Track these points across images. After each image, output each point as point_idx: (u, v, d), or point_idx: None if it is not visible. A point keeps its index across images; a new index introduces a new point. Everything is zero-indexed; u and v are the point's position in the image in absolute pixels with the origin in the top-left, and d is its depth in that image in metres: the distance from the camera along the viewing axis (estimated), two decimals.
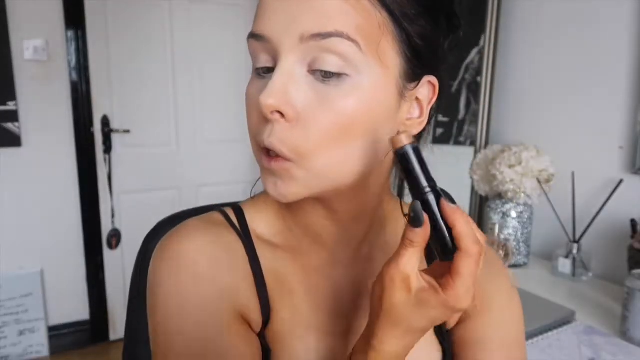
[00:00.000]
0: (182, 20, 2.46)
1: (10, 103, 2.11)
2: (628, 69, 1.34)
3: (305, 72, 0.40)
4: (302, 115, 0.40)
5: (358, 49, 0.39)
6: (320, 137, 0.40)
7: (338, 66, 0.39)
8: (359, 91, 0.40)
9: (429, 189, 0.38)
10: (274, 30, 0.40)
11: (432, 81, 0.45)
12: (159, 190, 2.55)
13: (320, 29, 0.38)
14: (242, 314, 0.48)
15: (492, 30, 1.64)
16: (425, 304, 0.38)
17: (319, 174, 0.42)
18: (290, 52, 0.40)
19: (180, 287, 0.46)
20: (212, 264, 0.47)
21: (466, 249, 0.37)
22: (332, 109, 0.40)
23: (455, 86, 1.80)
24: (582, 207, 1.40)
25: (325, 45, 0.39)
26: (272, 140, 0.40)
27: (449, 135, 1.83)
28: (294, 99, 0.40)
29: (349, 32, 0.38)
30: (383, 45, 0.40)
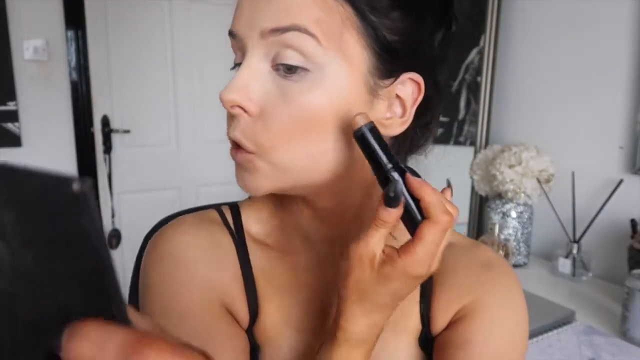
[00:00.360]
0: (182, 20, 2.46)
1: (10, 103, 2.11)
2: (628, 69, 1.34)
3: (270, 68, 0.40)
4: (263, 110, 0.40)
5: (317, 43, 0.39)
6: (281, 131, 0.40)
7: (298, 61, 0.39)
8: (321, 86, 0.40)
9: (391, 165, 0.38)
10: (240, 27, 0.41)
11: (414, 78, 0.43)
12: (159, 190, 2.55)
13: (278, 23, 0.39)
14: (229, 309, 0.49)
15: (492, 30, 1.64)
16: (386, 277, 0.38)
17: (283, 168, 0.42)
18: (254, 48, 0.40)
19: (164, 278, 0.47)
20: (198, 259, 0.49)
21: (433, 217, 0.37)
22: (293, 104, 0.40)
23: (455, 86, 1.80)
24: (582, 207, 1.40)
25: (285, 40, 0.39)
26: (235, 133, 0.42)
27: (449, 135, 1.83)
28: (255, 94, 0.40)
29: (306, 26, 0.38)
30: (346, 39, 0.39)
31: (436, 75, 0.45)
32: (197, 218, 0.52)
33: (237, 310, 0.49)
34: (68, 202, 0.18)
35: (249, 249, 0.51)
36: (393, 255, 0.38)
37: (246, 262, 0.50)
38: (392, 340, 0.50)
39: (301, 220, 0.50)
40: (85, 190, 0.17)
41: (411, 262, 0.37)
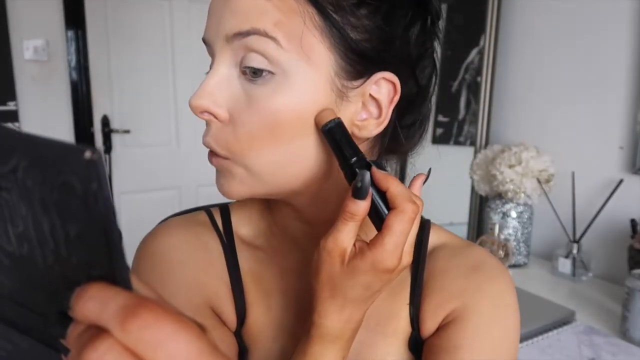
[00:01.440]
0: (182, 20, 2.46)
1: (10, 103, 2.11)
2: (628, 69, 1.34)
3: (238, 73, 0.40)
4: (232, 115, 0.40)
5: (278, 46, 0.38)
6: (249, 137, 0.40)
7: (262, 63, 0.39)
8: (286, 90, 0.39)
9: (357, 158, 0.39)
10: (209, 34, 0.41)
11: (388, 78, 0.41)
12: (159, 190, 2.55)
13: (240, 27, 0.38)
14: (216, 312, 0.49)
15: (492, 30, 1.65)
16: (356, 270, 0.38)
17: (257, 173, 0.41)
18: (220, 53, 0.40)
19: (151, 279, 0.47)
20: (185, 261, 0.49)
21: (399, 206, 0.37)
22: (258, 108, 0.39)
23: (455, 86, 1.80)
24: (582, 207, 1.40)
25: (248, 44, 0.39)
26: (207, 139, 0.42)
27: (449, 135, 1.84)
28: (223, 100, 0.40)
29: (265, 29, 0.38)
30: (308, 41, 0.38)
31: (416, 73, 0.43)
32: (185, 220, 0.52)
33: (224, 313, 0.49)
34: (81, 169, 0.19)
35: (238, 251, 0.51)
36: (363, 248, 0.38)
37: (234, 265, 0.50)
38: (382, 343, 0.49)
39: (288, 223, 0.49)
40: (96, 158, 0.19)
41: (380, 254, 0.37)
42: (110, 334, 0.21)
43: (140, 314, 0.21)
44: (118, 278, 0.22)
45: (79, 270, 0.22)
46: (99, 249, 0.21)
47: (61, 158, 0.20)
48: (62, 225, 0.21)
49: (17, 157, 0.21)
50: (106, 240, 0.21)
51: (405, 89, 0.42)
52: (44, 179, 0.21)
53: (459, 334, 0.47)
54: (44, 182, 0.21)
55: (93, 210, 0.20)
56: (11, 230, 0.23)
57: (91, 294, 0.22)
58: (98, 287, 0.22)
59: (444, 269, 0.50)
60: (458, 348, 0.46)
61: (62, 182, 0.20)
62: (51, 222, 0.21)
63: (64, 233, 0.21)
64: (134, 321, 0.20)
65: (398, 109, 0.42)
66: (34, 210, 0.22)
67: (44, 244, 0.22)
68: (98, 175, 0.19)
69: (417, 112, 0.46)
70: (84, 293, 0.22)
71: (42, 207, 0.21)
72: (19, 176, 0.21)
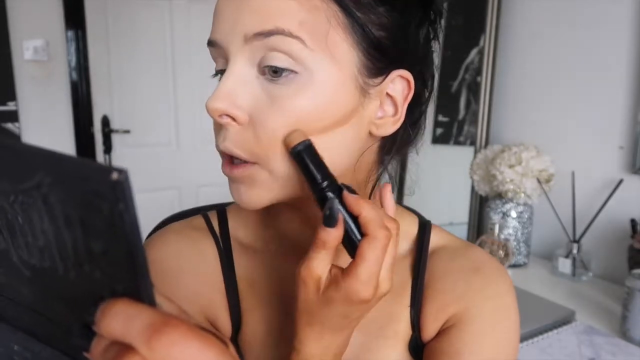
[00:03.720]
0: (182, 20, 2.46)
1: (10, 103, 2.11)
2: (628, 69, 1.34)
3: (256, 73, 0.39)
4: (253, 117, 0.39)
5: (303, 46, 0.37)
6: (274, 139, 0.38)
7: (286, 62, 0.37)
8: (310, 89, 0.38)
9: (327, 182, 0.37)
10: (221, 34, 0.40)
11: (403, 75, 0.41)
12: (159, 190, 2.54)
13: (262, 27, 0.37)
14: (211, 319, 0.49)
15: (492, 30, 1.65)
16: (332, 301, 0.37)
17: (283, 177, 0.40)
18: (237, 54, 0.39)
19: None
20: (179, 269, 0.49)
21: (371, 233, 0.36)
22: (282, 109, 0.38)
23: (455, 86, 1.80)
24: (582, 207, 1.40)
25: (270, 44, 0.37)
26: (226, 144, 0.39)
27: (449, 135, 1.83)
28: (243, 101, 0.39)
29: (290, 29, 0.37)
30: (333, 39, 0.38)
31: (423, 71, 0.44)
32: (182, 227, 0.52)
33: (219, 320, 0.49)
34: (107, 189, 0.20)
35: (235, 256, 0.50)
36: (337, 277, 0.37)
37: (230, 271, 0.50)
38: (382, 346, 0.49)
39: (290, 227, 0.48)
40: (123, 179, 0.19)
41: (354, 285, 0.36)
42: (136, 352, 0.21)
43: (167, 332, 0.21)
44: (142, 294, 0.22)
45: (102, 285, 0.23)
46: (124, 265, 0.22)
47: (88, 177, 0.20)
48: (86, 242, 0.22)
49: (41, 173, 0.21)
50: (131, 258, 0.21)
51: (416, 86, 0.42)
52: (69, 196, 0.21)
53: (460, 338, 0.46)
54: (68, 199, 0.21)
55: (119, 229, 0.20)
56: (33, 244, 0.23)
57: (117, 310, 0.22)
58: (123, 303, 0.22)
59: (444, 271, 0.50)
60: (460, 352, 0.46)
61: (88, 201, 0.20)
62: (74, 237, 0.22)
63: (87, 249, 0.22)
64: (160, 339, 0.21)
65: (408, 106, 0.43)
66: (56, 225, 0.22)
67: (66, 258, 0.23)
68: (124, 196, 0.20)
69: (420, 110, 0.46)
70: (109, 309, 0.22)
71: (65, 223, 0.22)
72: (42, 192, 0.21)
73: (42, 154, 0.21)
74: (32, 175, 0.21)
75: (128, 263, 0.21)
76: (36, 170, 0.21)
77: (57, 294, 0.24)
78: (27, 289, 0.25)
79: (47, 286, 0.24)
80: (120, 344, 0.22)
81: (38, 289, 0.25)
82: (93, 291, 0.23)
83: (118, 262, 0.22)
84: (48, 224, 0.22)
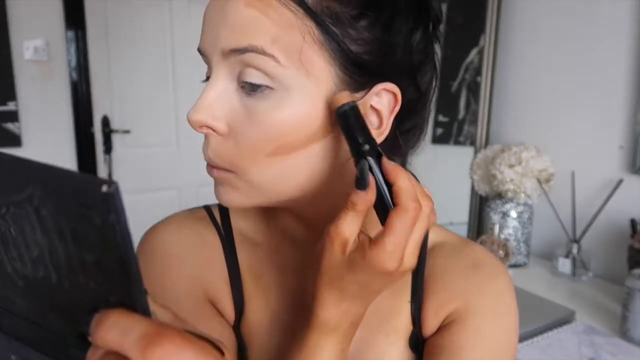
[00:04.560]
0: (182, 20, 2.46)
1: (10, 103, 2.11)
2: (628, 68, 1.34)
3: (235, 86, 0.39)
4: (232, 129, 0.40)
5: (276, 63, 0.37)
6: (252, 151, 0.39)
7: (261, 79, 0.38)
8: (287, 105, 0.38)
9: (369, 146, 0.37)
10: (205, 45, 0.41)
11: (388, 89, 0.40)
12: (159, 190, 2.55)
13: (237, 44, 0.38)
14: (212, 302, 0.50)
15: (492, 30, 1.65)
16: (355, 266, 0.37)
17: (260, 187, 0.41)
18: (218, 66, 0.40)
19: (151, 275, 0.48)
20: (184, 257, 0.49)
21: (402, 204, 0.36)
22: (260, 123, 0.39)
23: (455, 86, 1.80)
24: (582, 207, 1.40)
25: (245, 60, 0.38)
26: (209, 154, 0.41)
27: (449, 135, 1.83)
28: (222, 113, 0.40)
29: (263, 47, 0.37)
30: (307, 56, 0.38)
31: (417, 80, 0.43)
32: (184, 217, 0.53)
33: (222, 308, 0.50)
34: (98, 202, 0.20)
35: (237, 246, 0.51)
36: (364, 244, 0.37)
37: (233, 260, 0.50)
38: (382, 341, 0.49)
39: (288, 225, 0.49)
40: (113, 191, 0.20)
41: (379, 254, 0.36)
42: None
43: (161, 343, 0.21)
44: (136, 304, 0.23)
45: (96, 295, 0.23)
46: (117, 276, 0.22)
47: (78, 190, 0.20)
48: (79, 253, 0.22)
49: (32, 186, 0.22)
50: (124, 268, 0.22)
51: (406, 96, 0.41)
52: (60, 209, 0.21)
53: (461, 335, 0.47)
54: (60, 212, 0.21)
55: (111, 240, 0.21)
56: (26, 255, 0.24)
57: (112, 321, 0.22)
58: (118, 314, 0.22)
59: (444, 267, 0.50)
60: (461, 348, 0.46)
61: (80, 213, 0.21)
62: (67, 249, 0.22)
63: (80, 260, 0.22)
64: (154, 350, 0.21)
65: (398, 115, 0.42)
66: (49, 237, 0.22)
67: (60, 269, 0.23)
68: (115, 208, 0.20)
69: (417, 117, 0.45)
70: (104, 320, 0.22)
71: (58, 234, 0.22)
72: (34, 204, 0.22)
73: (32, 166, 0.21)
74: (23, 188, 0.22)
75: (121, 273, 0.22)
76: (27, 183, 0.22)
77: (51, 304, 0.25)
78: (22, 299, 0.25)
79: (41, 296, 0.25)
80: (115, 354, 0.22)
81: (32, 299, 0.25)
82: (87, 301, 0.23)
83: (111, 273, 0.22)
84: (41, 236, 0.23)
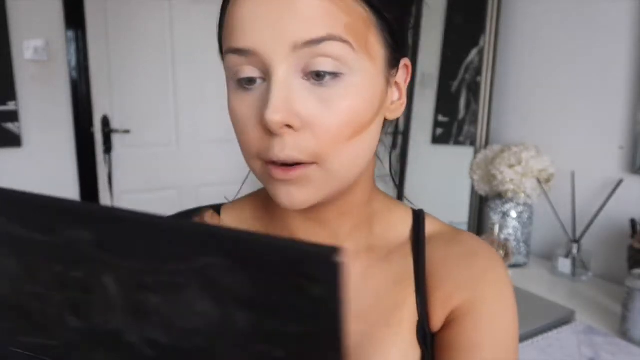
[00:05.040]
0: (182, 20, 2.46)
1: (10, 103, 2.11)
2: (628, 69, 1.34)
3: (301, 79, 0.40)
4: (307, 122, 0.39)
5: (351, 49, 0.39)
6: (333, 138, 0.40)
7: (332, 66, 0.39)
8: (355, 88, 0.40)
9: None
10: (261, 43, 0.39)
11: (406, 63, 0.46)
12: (159, 190, 2.55)
13: (312, 35, 0.38)
14: None
15: (492, 30, 1.64)
16: None
17: (337, 173, 0.42)
18: (284, 62, 0.39)
19: None
20: None
21: None
22: (336, 110, 0.40)
23: (455, 86, 1.80)
24: (582, 207, 1.40)
25: (319, 50, 0.38)
26: (288, 152, 0.40)
27: (449, 135, 1.83)
28: (297, 108, 0.39)
29: (340, 34, 0.38)
30: (370, 40, 0.41)
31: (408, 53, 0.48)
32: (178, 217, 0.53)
33: None
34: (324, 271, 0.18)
35: None
36: None
37: None
38: (387, 334, 0.49)
39: (291, 223, 0.49)
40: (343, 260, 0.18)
41: None
42: None
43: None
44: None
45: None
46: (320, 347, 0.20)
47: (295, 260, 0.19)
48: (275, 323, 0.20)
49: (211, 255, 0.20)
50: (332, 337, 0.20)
51: None
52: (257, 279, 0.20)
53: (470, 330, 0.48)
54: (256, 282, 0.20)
55: (327, 311, 0.19)
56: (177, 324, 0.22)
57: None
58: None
59: (444, 257, 0.51)
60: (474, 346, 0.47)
61: (291, 284, 0.19)
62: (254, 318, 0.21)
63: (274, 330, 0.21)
64: None
65: None
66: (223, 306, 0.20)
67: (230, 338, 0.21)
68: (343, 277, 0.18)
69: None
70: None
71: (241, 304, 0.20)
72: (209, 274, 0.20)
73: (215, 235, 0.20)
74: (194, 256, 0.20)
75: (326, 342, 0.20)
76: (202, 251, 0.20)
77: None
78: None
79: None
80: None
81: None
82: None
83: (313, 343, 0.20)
84: (209, 306, 0.21)
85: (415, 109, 1.94)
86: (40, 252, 0.23)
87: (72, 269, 0.22)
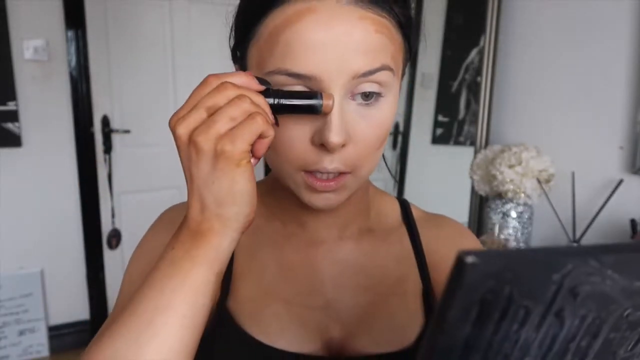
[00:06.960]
0: (182, 20, 2.46)
1: (10, 103, 2.11)
2: (628, 69, 1.34)
3: (349, 99, 0.45)
4: (351, 137, 0.45)
5: (392, 74, 0.45)
6: (368, 150, 0.46)
7: (377, 89, 0.45)
8: (388, 105, 0.46)
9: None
10: (325, 72, 0.42)
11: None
12: (159, 190, 2.55)
13: (370, 66, 0.43)
14: None
15: (492, 30, 1.64)
16: None
17: (363, 179, 0.49)
18: (342, 89, 0.43)
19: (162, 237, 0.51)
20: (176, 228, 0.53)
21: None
22: (374, 125, 0.46)
23: (455, 86, 1.80)
24: (582, 207, 1.40)
25: (371, 78, 0.44)
26: (336, 165, 0.45)
27: (449, 135, 1.83)
28: (350, 129, 0.45)
29: (389, 63, 0.44)
30: (400, 61, 0.47)
31: None
32: None
33: None
34: None
35: None
36: None
37: None
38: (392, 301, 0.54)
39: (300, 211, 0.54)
40: None
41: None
42: None
43: None
44: None
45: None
46: None
47: None
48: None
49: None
50: None
51: None
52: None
53: None
54: None
55: None
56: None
57: None
58: None
59: (436, 237, 0.60)
60: None
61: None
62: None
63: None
64: None
65: None
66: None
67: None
68: None
69: None
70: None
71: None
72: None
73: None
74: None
75: None
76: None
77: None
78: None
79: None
80: None
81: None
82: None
83: None
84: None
85: (415, 109, 1.94)
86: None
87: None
